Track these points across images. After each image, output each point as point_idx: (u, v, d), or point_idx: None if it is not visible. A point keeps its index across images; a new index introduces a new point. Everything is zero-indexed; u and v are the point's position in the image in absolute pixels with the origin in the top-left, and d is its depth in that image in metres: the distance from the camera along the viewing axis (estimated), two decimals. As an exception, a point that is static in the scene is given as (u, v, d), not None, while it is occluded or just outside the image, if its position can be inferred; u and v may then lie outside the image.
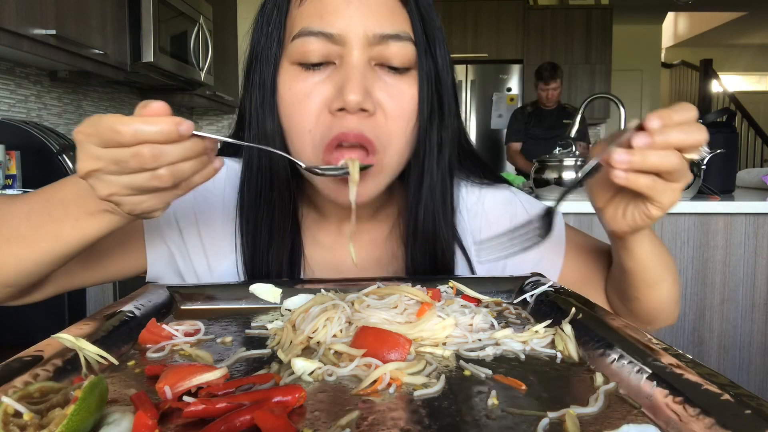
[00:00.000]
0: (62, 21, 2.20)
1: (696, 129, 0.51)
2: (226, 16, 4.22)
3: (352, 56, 0.60)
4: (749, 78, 9.71)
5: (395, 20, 0.61)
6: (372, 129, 0.61)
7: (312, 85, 0.61)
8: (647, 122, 0.50)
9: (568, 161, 2.09)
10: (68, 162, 2.27)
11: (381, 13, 0.61)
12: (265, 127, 0.65)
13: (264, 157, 0.67)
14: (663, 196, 0.53)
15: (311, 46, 0.60)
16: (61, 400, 0.33)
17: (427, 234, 0.70)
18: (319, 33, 0.60)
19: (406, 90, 0.63)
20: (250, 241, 0.70)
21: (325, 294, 0.59)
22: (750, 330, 2.05)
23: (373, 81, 0.61)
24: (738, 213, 2.01)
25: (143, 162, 0.47)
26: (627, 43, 6.69)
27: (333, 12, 0.60)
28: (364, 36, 0.60)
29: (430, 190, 0.69)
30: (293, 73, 0.62)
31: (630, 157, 0.50)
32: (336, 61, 0.61)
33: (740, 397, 0.33)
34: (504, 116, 5.08)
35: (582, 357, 0.47)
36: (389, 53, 0.61)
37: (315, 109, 0.61)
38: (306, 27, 0.60)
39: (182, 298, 0.64)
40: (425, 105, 0.64)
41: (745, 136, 7.56)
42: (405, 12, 0.63)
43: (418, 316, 0.52)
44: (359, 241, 0.75)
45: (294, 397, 0.37)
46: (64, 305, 1.89)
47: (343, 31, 0.60)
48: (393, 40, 0.61)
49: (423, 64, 0.64)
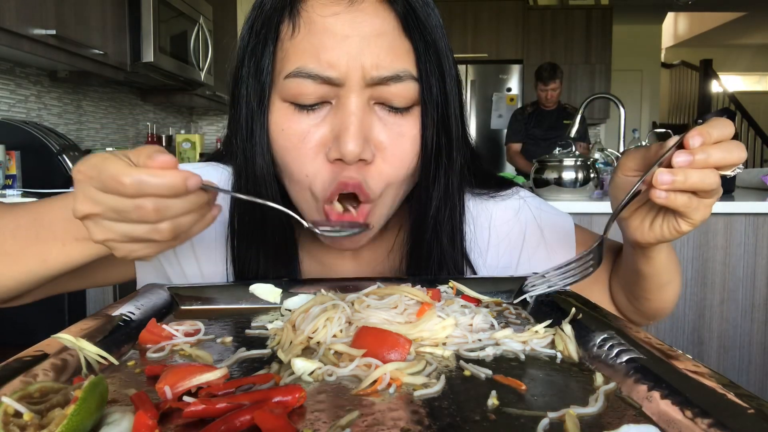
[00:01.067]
0: (62, 21, 2.20)
1: (736, 147, 0.50)
2: (226, 16, 4.22)
3: (350, 100, 0.56)
4: (749, 78, 9.71)
5: (396, 56, 0.56)
6: (370, 178, 0.58)
7: (307, 128, 0.57)
8: (688, 140, 0.49)
9: (567, 161, 2.09)
10: (68, 162, 2.27)
11: (381, 48, 0.56)
12: (254, 170, 0.60)
13: (251, 168, 0.62)
14: (696, 213, 0.53)
15: (307, 89, 0.56)
16: (61, 400, 0.33)
17: (435, 256, 0.67)
18: (315, 76, 0.55)
19: (407, 132, 0.59)
20: (241, 268, 0.67)
21: (325, 294, 0.59)
22: (750, 330, 2.05)
23: (372, 123, 0.57)
24: (738, 213, 2.01)
25: (145, 215, 0.44)
26: (627, 43, 6.69)
27: (330, 50, 0.55)
28: (362, 78, 0.55)
29: (435, 221, 0.65)
30: (286, 113, 0.58)
31: (673, 177, 0.49)
32: (332, 101, 0.57)
33: (740, 397, 0.33)
34: (504, 116, 5.08)
35: (582, 357, 0.47)
36: (389, 94, 0.57)
37: (312, 153, 0.57)
38: (301, 68, 0.56)
39: (182, 299, 0.64)
40: (428, 141, 0.60)
41: (745, 136, 7.56)
42: (408, 43, 0.57)
43: (418, 317, 0.52)
44: (360, 257, 0.73)
45: (294, 397, 0.37)
46: (64, 305, 1.89)
47: (341, 75, 0.55)
48: (393, 82, 0.56)
49: (427, 100, 0.59)
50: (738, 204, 2.02)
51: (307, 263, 0.72)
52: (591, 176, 2.09)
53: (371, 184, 0.58)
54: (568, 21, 5.45)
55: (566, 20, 5.45)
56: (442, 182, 0.63)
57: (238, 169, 0.63)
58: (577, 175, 2.08)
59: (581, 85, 5.42)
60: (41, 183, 2.19)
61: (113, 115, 3.36)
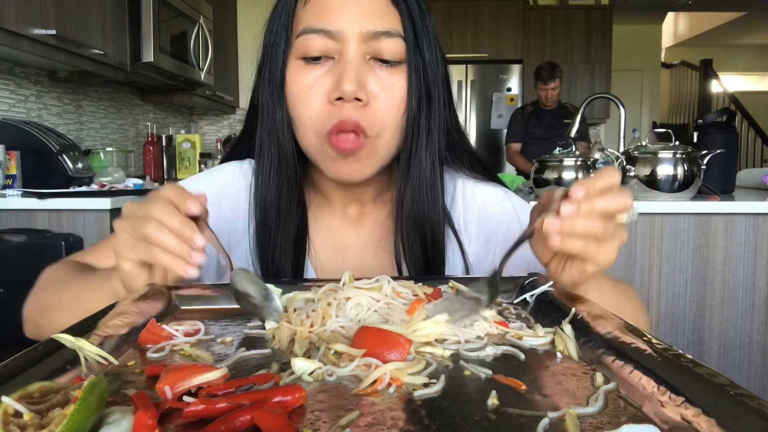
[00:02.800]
0: (62, 21, 2.20)
1: (619, 194, 0.54)
2: (226, 16, 4.22)
3: (348, 51, 0.67)
4: (749, 78, 9.71)
5: (387, 19, 0.68)
6: (365, 117, 0.68)
7: (314, 78, 0.69)
8: (572, 192, 0.53)
9: (568, 161, 2.09)
10: (68, 162, 2.27)
11: (374, 12, 0.68)
12: (275, 116, 0.73)
13: (273, 144, 0.74)
14: (598, 257, 0.56)
15: (313, 43, 0.68)
16: (61, 400, 0.33)
17: (416, 214, 0.75)
18: (319, 30, 0.67)
19: (397, 82, 0.70)
20: (260, 219, 0.76)
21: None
22: (750, 330, 2.05)
23: (367, 73, 0.68)
24: (738, 213, 2.01)
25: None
26: (627, 43, 6.69)
27: (331, 11, 0.67)
28: (359, 33, 0.67)
29: (419, 171, 0.74)
30: (298, 68, 0.70)
31: (560, 225, 0.53)
32: (335, 57, 0.68)
33: (740, 397, 0.33)
34: (504, 116, 5.08)
35: (582, 357, 0.47)
36: (381, 48, 0.68)
37: (317, 99, 0.68)
38: (308, 25, 0.68)
39: (182, 298, 0.64)
40: (413, 95, 0.70)
41: (745, 136, 7.56)
42: (396, 12, 0.69)
43: (409, 314, 0.52)
44: (362, 223, 0.82)
45: (294, 397, 0.37)
46: (64, 305, 1.89)
47: (340, 29, 0.67)
48: (384, 37, 0.68)
49: (412, 58, 0.70)
50: (738, 204, 2.02)
51: (315, 230, 0.80)
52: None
53: (367, 123, 0.68)
54: (568, 21, 5.45)
55: (566, 20, 5.45)
56: (425, 140, 0.73)
57: (262, 121, 0.74)
58: (577, 175, 2.08)
59: (581, 85, 5.42)
60: (41, 183, 2.19)
61: (113, 115, 3.36)
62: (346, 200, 0.81)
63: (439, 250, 0.77)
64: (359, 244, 0.81)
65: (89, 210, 1.98)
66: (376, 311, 0.55)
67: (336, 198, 0.81)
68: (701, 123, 2.34)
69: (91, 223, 1.98)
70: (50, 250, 1.86)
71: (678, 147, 2.02)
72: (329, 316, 0.53)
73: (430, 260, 0.77)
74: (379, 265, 0.80)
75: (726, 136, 2.26)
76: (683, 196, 2.02)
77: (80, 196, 2.03)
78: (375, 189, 0.81)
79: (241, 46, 4.49)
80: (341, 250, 0.80)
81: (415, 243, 0.76)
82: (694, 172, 2.01)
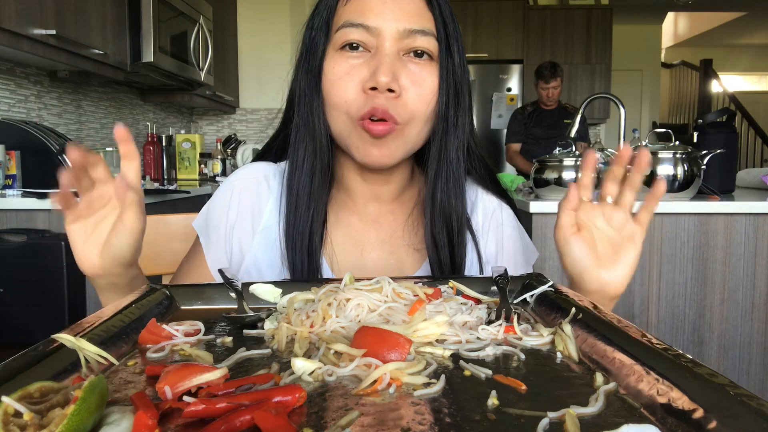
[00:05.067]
0: (62, 21, 2.20)
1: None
2: (226, 16, 4.22)
3: (384, 46, 0.72)
4: (749, 78, 9.71)
5: (422, 20, 0.73)
6: (395, 107, 0.72)
7: (351, 67, 0.73)
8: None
9: (568, 161, 2.09)
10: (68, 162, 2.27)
11: (411, 12, 0.73)
12: (311, 104, 0.76)
13: (308, 131, 0.78)
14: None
15: (352, 35, 0.73)
16: (61, 400, 0.33)
17: (444, 205, 0.79)
18: (359, 25, 0.72)
19: (427, 77, 0.74)
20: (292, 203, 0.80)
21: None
22: (750, 330, 2.05)
23: (401, 68, 0.73)
24: (738, 213, 2.01)
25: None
26: (627, 43, 6.69)
27: (371, 10, 0.72)
28: (395, 30, 0.72)
29: (447, 165, 0.79)
30: (336, 57, 0.74)
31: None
32: (372, 50, 0.73)
33: (740, 397, 0.33)
34: (504, 116, 5.08)
35: (582, 357, 0.47)
36: (415, 44, 0.73)
37: (352, 85, 0.73)
38: (348, 20, 0.73)
39: (182, 298, 0.64)
40: (443, 92, 0.75)
41: (745, 136, 7.56)
42: (430, 14, 0.75)
43: (410, 314, 0.52)
44: (383, 220, 0.85)
45: (294, 397, 0.37)
46: (64, 305, 1.89)
47: (378, 25, 0.72)
48: (419, 35, 0.73)
49: (444, 58, 0.75)
50: (738, 204, 2.02)
51: (333, 226, 0.83)
52: (591, 176, 2.09)
53: (397, 112, 0.73)
54: (568, 21, 5.45)
55: (566, 20, 5.45)
56: (453, 134, 0.78)
57: (298, 110, 0.79)
58: (577, 175, 2.08)
59: (581, 85, 5.42)
60: (41, 183, 2.19)
61: (113, 115, 3.36)
62: (367, 197, 0.84)
63: (462, 243, 0.81)
64: (377, 241, 0.84)
65: (89, 210, 1.97)
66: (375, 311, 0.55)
67: (358, 195, 0.84)
68: (701, 123, 2.34)
69: (91, 223, 1.98)
70: (50, 250, 1.86)
71: (678, 147, 2.02)
72: (329, 316, 0.53)
73: (456, 253, 0.81)
74: (397, 261, 0.83)
75: (726, 136, 2.26)
76: (683, 196, 2.02)
77: (80, 196, 2.02)
78: (397, 188, 0.84)
79: (241, 46, 4.50)
80: (358, 246, 0.83)
81: (441, 232, 0.80)
82: (694, 172, 2.01)
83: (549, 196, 2.12)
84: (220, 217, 0.84)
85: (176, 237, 1.15)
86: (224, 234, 0.84)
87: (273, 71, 4.47)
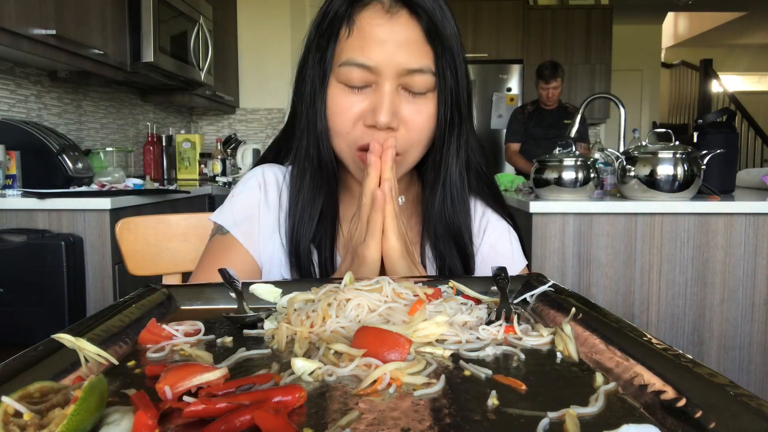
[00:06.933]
0: (62, 21, 2.20)
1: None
2: (226, 16, 4.22)
3: (384, 84, 0.75)
4: (749, 78, 9.71)
5: (421, 56, 0.75)
6: (395, 140, 0.75)
7: (352, 102, 0.77)
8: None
9: (568, 161, 2.09)
10: (68, 162, 2.27)
11: (410, 49, 0.75)
12: (317, 126, 0.80)
13: (313, 127, 0.80)
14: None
15: (354, 75, 0.75)
16: (61, 400, 0.33)
17: (447, 217, 0.83)
18: (361, 65, 0.74)
19: (424, 109, 0.77)
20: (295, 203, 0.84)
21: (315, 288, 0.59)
22: (750, 330, 2.05)
23: (399, 102, 0.76)
24: (738, 213, 2.01)
25: None
26: (627, 43, 6.69)
27: (372, 47, 0.74)
28: (395, 69, 0.74)
29: (449, 184, 0.82)
30: (339, 91, 0.77)
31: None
32: (373, 85, 0.76)
33: (740, 397, 0.33)
34: (504, 116, 5.07)
35: (582, 357, 0.47)
36: (413, 82, 0.76)
37: (353, 118, 0.77)
38: (351, 58, 0.75)
39: (182, 298, 0.64)
40: (442, 119, 0.79)
41: (745, 136, 7.56)
42: (430, 48, 0.76)
43: (410, 314, 0.52)
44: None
45: (294, 397, 0.37)
46: (64, 305, 1.89)
47: (379, 65, 0.74)
48: (417, 73, 0.75)
49: (441, 89, 0.77)
50: (738, 204, 2.02)
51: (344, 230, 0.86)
52: (591, 176, 2.09)
53: (397, 143, 0.75)
54: (568, 21, 5.45)
55: (566, 20, 5.45)
56: (453, 149, 0.81)
57: (301, 128, 0.82)
58: (577, 175, 2.08)
59: (581, 85, 5.42)
60: (41, 183, 2.19)
61: (113, 115, 3.36)
62: None
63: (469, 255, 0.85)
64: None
65: (89, 210, 1.98)
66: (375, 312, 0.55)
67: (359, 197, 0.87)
68: (701, 123, 2.34)
69: (91, 223, 1.98)
70: (50, 250, 1.86)
71: (678, 147, 2.02)
72: (329, 316, 0.53)
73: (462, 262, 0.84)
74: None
75: (726, 136, 2.26)
76: (683, 196, 2.02)
77: (80, 196, 2.02)
78: (400, 190, 0.86)
79: (241, 46, 4.50)
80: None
81: (448, 246, 0.84)
82: (694, 172, 2.01)
83: (549, 196, 2.12)
84: (251, 206, 0.87)
85: (176, 237, 1.15)
86: (257, 222, 0.87)
87: (273, 71, 4.47)
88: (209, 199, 3.14)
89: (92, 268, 2.00)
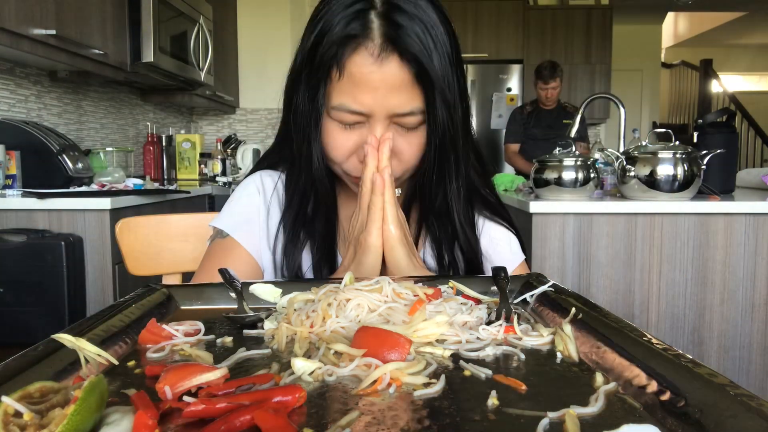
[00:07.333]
0: (62, 21, 2.20)
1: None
2: (226, 16, 4.22)
3: (376, 127, 0.77)
4: (749, 78, 9.70)
5: (411, 98, 0.76)
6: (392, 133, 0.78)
7: (346, 138, 0.79)
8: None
9: (567, 161, 2.09)
10: (68, 162, 2.27)
11: (400, 93, 0.75)
12: (311, 152, 0.82)
13: (307, 161, 0.83)
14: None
15: (346, 117, 0.77)
16: (61, 400, 0.33)
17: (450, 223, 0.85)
18: (353, 111, 0.76)
19: (414, 142, 0.80)
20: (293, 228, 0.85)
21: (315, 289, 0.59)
22: (750, 330, 2.05)
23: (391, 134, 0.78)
24: (738, 213, 2.01)
25: None
26: (627, 43, 6.69)
27: (363, 93, 0.75)
28: (385, 114, 0.76)
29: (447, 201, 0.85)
30: (334, 127, 0.79)
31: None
32: (365, 123, 0.78)
33: (740, 397, 0.33)
34: (504, 116, 5.07)
35: (582, 357, 0.47)
36: (404, 121, 0.78)
37: (347, 153, 0.80)
38: (343, 104, 0.76)
39: (182, 298, 0.64)
40: (431, 147, 0.80)
41: (745, 136, 7.56)
42: (419, 89, 0.76)
43: (410, 314, 0.52)
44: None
45: (294, 397, 0.37)
46: (64, 305, 1.89)
47: (370, 110, 0.76)
48: (407, 116, 0.77)
49: (431, 123, 0.78)
50: (738, 204, 2.02)
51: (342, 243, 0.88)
52: (591, 176, 2.09)
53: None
54: (568, 21, 5.45)
55: (566, 20, 5.45)
56: (451, 172, 0.83)
57: (297, 162, 0.85)
58: (577, 175, 2.08)
59: (581, 85, 5.42)
60: (41, 183, 2.19)
61: (113, 115, 3.36)
62: None
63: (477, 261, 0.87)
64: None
65: (89, 210, 1.98)
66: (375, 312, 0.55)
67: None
68: (701, 123, 2.34)
69: (91, 223, 1.98)
70: (50, 250, 1.86)
71: (678, 147, 2.02)
72: (329, 316, 0.53)
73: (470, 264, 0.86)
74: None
75: (726, 136, 2.26)
76: (683, 196, 2.02)
77: (80, 196, 2.02)
78: (401, 197, 0.88)
79: (241, 46, 4.49)
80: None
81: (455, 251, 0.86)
82: (694, 172, 2.01)
83: (549, 196, 2.12)
84: (251, 210, 0.89)
85: (176, 237, 1.15)
86: (258, 224, 0.88)
87: (273, 71, 4.46)
88: (209, 199, 3.14)
89: (92, 268, 2.00)
